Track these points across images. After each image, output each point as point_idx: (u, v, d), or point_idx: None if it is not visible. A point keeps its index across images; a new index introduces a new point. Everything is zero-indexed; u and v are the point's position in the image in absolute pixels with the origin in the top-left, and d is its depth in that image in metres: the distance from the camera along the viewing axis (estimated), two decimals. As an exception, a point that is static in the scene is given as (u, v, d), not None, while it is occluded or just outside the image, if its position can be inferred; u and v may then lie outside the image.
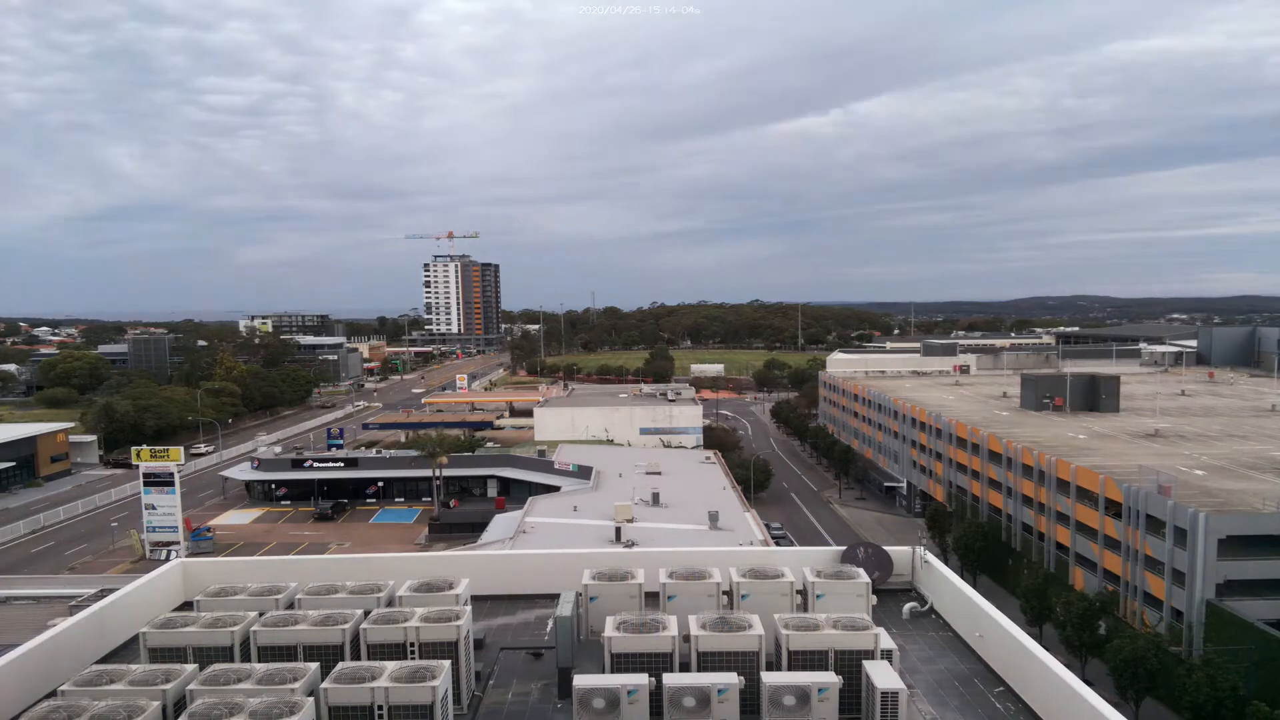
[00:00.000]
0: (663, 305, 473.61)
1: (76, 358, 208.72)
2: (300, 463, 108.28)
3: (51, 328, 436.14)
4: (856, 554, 25.54)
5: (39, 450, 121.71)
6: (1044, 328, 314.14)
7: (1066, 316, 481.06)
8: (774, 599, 21.20)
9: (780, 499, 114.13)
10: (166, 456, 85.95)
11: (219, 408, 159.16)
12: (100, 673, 17.45)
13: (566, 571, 24.17)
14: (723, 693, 16.90)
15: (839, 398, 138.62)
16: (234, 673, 17.09)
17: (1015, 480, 78.54)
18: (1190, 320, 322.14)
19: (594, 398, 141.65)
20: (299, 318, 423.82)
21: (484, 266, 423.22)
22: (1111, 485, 63.73)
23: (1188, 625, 54.29)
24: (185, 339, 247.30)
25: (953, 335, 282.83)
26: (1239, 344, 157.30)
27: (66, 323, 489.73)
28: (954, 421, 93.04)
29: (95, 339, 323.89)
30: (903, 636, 22.25)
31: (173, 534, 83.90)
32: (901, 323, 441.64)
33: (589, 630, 21.37)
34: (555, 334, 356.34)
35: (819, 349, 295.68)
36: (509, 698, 19.90)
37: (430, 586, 21.85)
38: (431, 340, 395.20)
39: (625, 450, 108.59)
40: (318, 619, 19.83)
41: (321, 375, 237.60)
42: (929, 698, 19.36)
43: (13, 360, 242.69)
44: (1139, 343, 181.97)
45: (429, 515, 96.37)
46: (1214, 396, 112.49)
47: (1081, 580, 66.48)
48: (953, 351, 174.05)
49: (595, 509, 71.13)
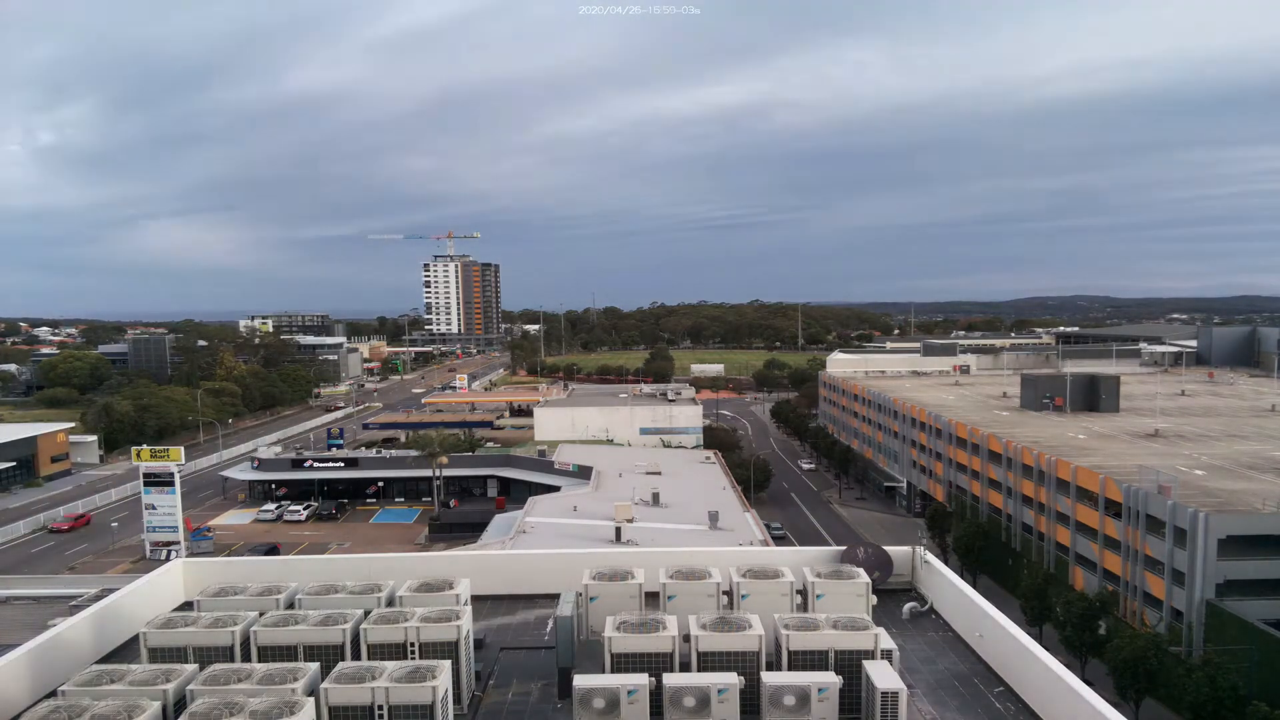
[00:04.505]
0: (663, 305, 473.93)
1: (76, 358, 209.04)
2: (300, 463, 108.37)
3: (51, 328, 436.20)
4: (856, 554, 25.52)
5: (39, 450, 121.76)
6: (1044, 328, 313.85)
7: (1066, 316, 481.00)
8: (774, 599, 21.15)
9: (780, 499, 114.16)
10: (166, 456, 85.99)
11: (219, 408, 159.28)
12: (100, 672, 17.45)
13: (566, 571, 24.17)
14: (723, 693, 16.90)
15: (839, 398, 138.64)
16: (234, 673, 17.09)
17: (1015, 480, 78.55)
18: (1190, 320, 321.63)
19: (594, 398, 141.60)
20: (299, 318, 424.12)
21: (484, 266, 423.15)
22: (1111, 485, 63.74)
23: (1188, 625, 54.30)
24: (185, 339, 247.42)
25: (953, 335, 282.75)
26: (1239, 344, 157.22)
27: (66, 323, 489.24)
28: (954, 421, 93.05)
29: (95, 339, 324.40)
30: (902, 636, 22.22)
31: (173, 534, 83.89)
32: (901, 323, 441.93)
33: (589, 630, 21.36)
34: (555, 334, 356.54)
35: (819, 349, 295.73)
36: (509, 698, 19.90)
37: (430, 586, 21.82)
38: (431, 340, 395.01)
39: (625, 450, 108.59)
40: (318, 619, 19.82)
41: (322, 375, 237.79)
42: (929, 698, 19.36)
43: (13, 360, 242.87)
44: (1139, 343, 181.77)
45: (429, 515, 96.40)
46: (1214, 396, 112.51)
47: (1081, 580, 66.49)
48: (953, 351, 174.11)
49: (595, 509, 71.11)
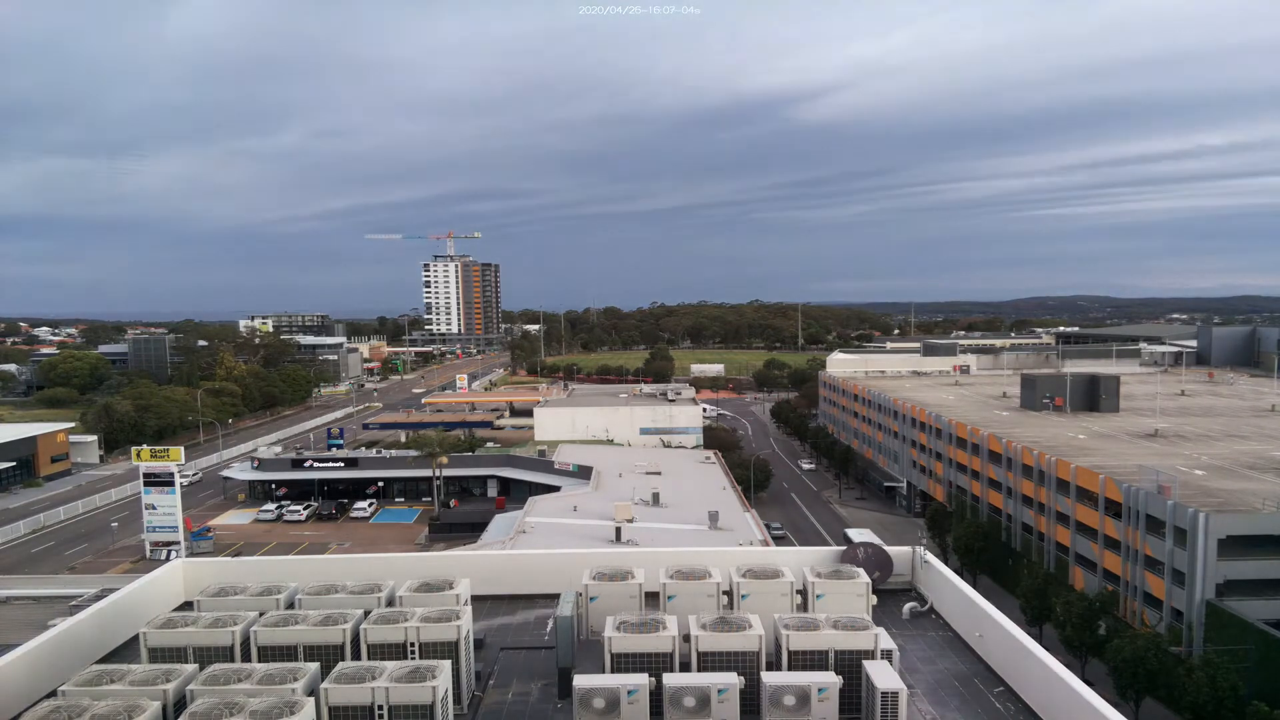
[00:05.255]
0: (663, 305, 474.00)
1: (76, 358, 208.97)
2: (300, 463, 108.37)
3: (51, 328, 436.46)
4: (856, 554, 25.51)
5: (39, 450, 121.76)
6: (1044, 328, 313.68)
7: (1066, 316, 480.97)
8: (774, 599, 21.18)
9: (780, 499, 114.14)
10: (166, 456, 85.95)
11: (219, 408, 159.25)
12: (100, 672, 17.46)
13: (566, 571, 24.20)
14: (723, 693, 16.91)
15: (839, 398, 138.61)
16: (234, 673, 17.11)
17: (1015, 480, 78.52)
18: (1190, 320, 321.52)
19: (594, 398, 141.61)
20: (299, 318, 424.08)
21: (484, 266, 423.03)
22: (1111, 485, 63.72)
23: (1188, 625, 54.26)
24: (185, 339, 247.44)
25: (953, 335, 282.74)
26: (1239, 344, 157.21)
27: (66, 323, 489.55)
28: (954, 421, 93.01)
29: (95, 339, 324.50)
30: (903, 636, 22.23)
31: (173, 534, 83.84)
32: (901, 323, 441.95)
33: (589, 630, 21.38)
34: (555, 334, 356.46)
35: (819, 349, 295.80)
36: (509, 698, 19.90)
37: (430, 586, 21.84)
38: (431, 340, 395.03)
39: (625, 450, 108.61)
40: (318, 619, 19.83)
41: (321, 375, 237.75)
42: (929, 698, 19.36)
43: (13, 360, 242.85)
44: (1139, 343, 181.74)
45: (429, 515, 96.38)
46: (1214, 396, 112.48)
47: (1081, 580, 66.46)
48: (953, 351, 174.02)
49: (595, 509, 71.13)
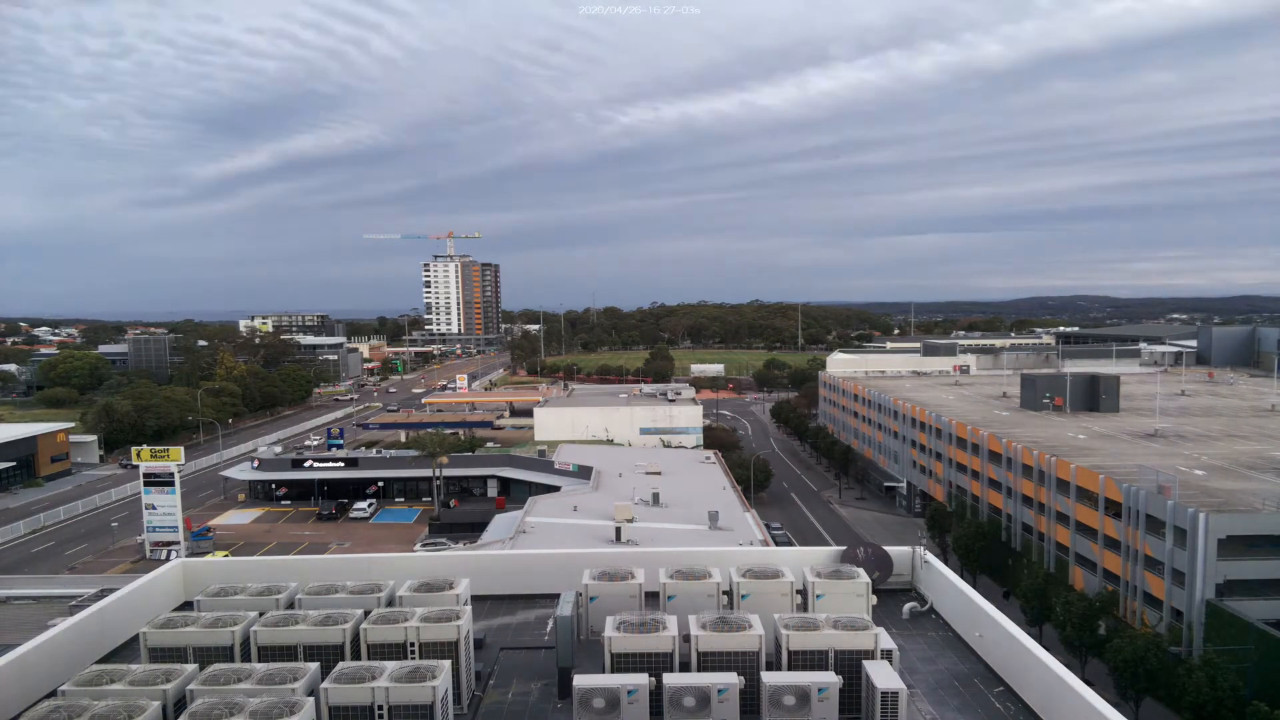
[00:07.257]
0: (663, 305, 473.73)
1: (76, 358, 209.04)
2: (300, 463, 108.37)
3: (51, 328, 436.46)
4: (856, 554, 25.50)
5: (39, 450, 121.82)
6: (1044, 328, 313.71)
7: (1066, 316, 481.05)
8: (774, 599, 21.16)
9: (780, 499, 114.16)
10: (167, 456, 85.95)
11: (219, 408, 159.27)
12: (100, 673, 17.45)
13: (566, 571, 24.17)
14: (723, 693, 16.90)
15: (839, 398, 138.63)
16: (234, 673, 17.10)
17: (1015, 480, 78.54)
18: (1190, 320, 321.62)
19: (594, 398, 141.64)
20: (299, 318, 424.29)
21: (484, 266, 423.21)
22: (1111, 485, 63.73)
23: (1188, 625, 54.27)
24: (185, 339, 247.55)
25: (953, 335, 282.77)
26: (1239, 344, 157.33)
27: (66, 323, 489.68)
28: (954, 421, 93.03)
29: (95, 339, 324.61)
30: (903, 636, 22.24)
31: (173, 534, 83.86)
32: (901, 323, 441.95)
33: (589, 630, 21.37)
34: (555, 334, 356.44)
35: (819, 349, 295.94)
36: (509, 698, 19.89)
37: (430, 586, 21.83)
38: (431, 340, 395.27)
39: (625, 450, 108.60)
40: (318, 619, 19.82)
41: (321, 375, 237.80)
42: (929, 698, 19.35)
43: (13, 360, 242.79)
44: (1139, 343, 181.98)
45: (429, 515, 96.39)
46: (1214, 396, 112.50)
47: (1081, 580, 66.47)
48: (953, 351, 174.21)
49: (595, 509, 71.09)
